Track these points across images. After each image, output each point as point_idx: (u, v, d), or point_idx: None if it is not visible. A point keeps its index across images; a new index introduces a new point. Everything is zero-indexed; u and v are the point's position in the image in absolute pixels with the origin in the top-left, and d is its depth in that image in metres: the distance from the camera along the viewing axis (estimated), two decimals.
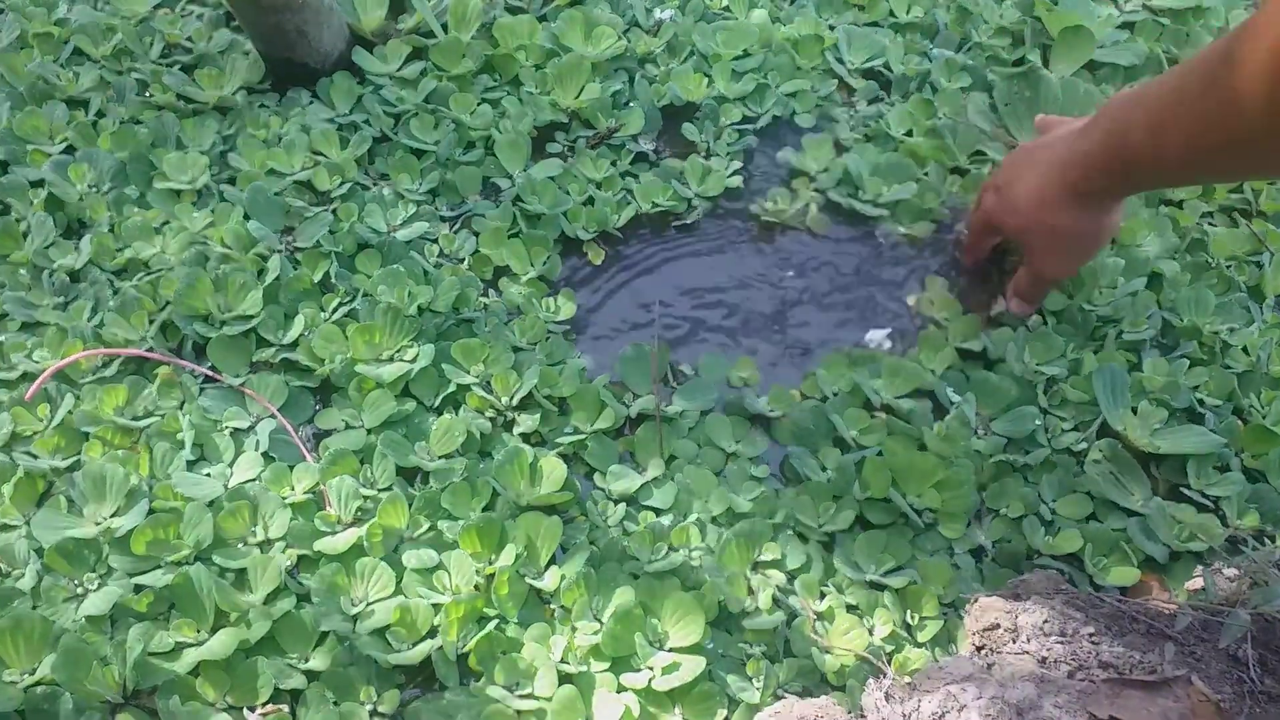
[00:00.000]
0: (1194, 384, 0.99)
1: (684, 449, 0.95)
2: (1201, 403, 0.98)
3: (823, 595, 0.86)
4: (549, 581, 0.84)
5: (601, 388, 0.97)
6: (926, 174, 1.16)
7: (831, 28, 1.29)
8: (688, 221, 1.13)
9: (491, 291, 1.06)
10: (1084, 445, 0.94)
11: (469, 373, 0.97)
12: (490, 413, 0.96)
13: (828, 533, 0.89)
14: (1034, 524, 0.90)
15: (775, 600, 0.84)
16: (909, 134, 1.18)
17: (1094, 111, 1.18)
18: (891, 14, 1.32)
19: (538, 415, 0.95)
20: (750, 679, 0.80)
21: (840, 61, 1.26)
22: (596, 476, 0.93)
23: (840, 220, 1.14)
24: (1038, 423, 0.95)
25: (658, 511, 0.90)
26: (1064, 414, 0.97)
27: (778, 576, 0.86)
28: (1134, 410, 0.95)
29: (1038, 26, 1.25)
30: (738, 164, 1.16)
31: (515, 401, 0.96)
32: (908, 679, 0.76)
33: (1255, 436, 0.95)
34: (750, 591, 0.85)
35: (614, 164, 1.16)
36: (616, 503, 0.91)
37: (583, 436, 0.94)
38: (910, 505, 0.89)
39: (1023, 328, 1.03)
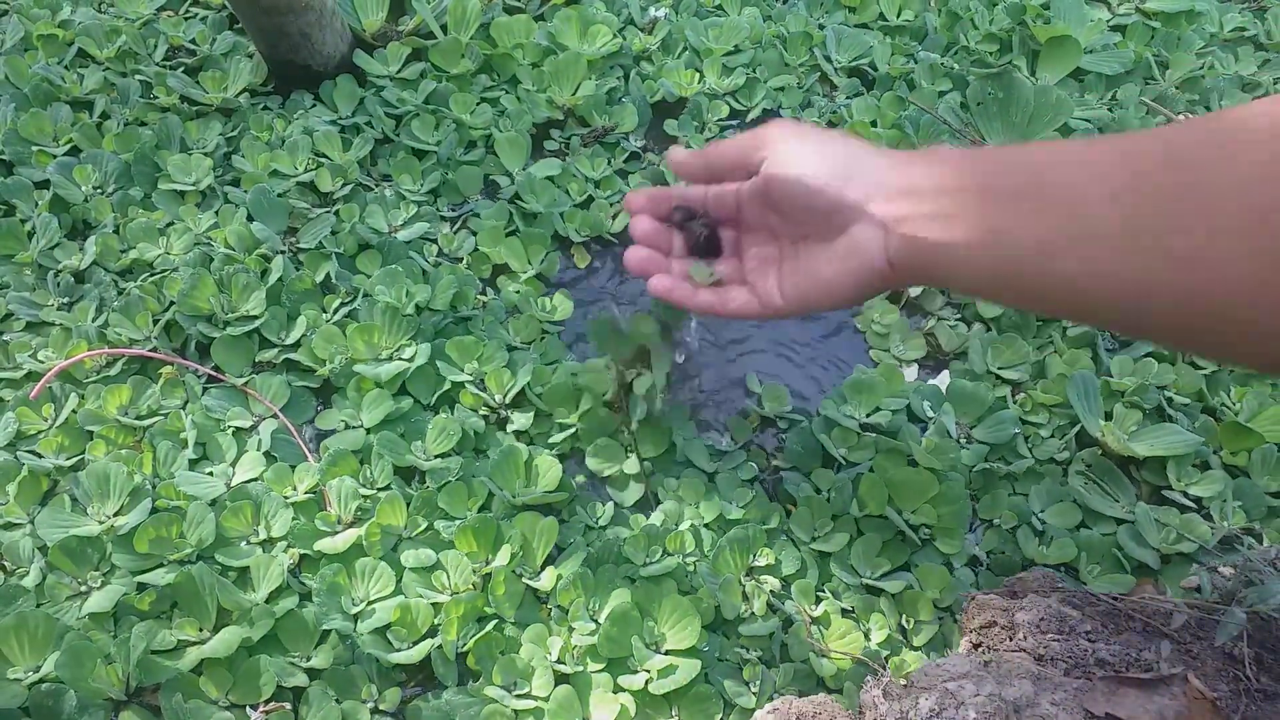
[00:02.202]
0: (1161, 384, 0.94)
1: (675, 456, 0.90)
2: (1170, 402, 0.93)
3: (818, 600, 0.81)
4: (545, 582, 0.80)
5: (589, 389, 0.92)
6: None
7: (821, 27, 1.25)
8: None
9: (490, 290, 1.02)
10: (1066, 454, 0.90)
11: (463, 370, 0.93)
12: (484, 410, 0.92)
13: (823, 551, 0.85)
14: (1027, 534, 0.85)
15: (770, 605, 0.80)
16: (873, 124, 1.14)
17: (1063, 118, 1.14)
18: (882, 16, 1.27)
19: (531, 413, 0.91)
20: (746, 683, 0.76)
21: (827, 59, 1.22)
22: (592, 477, 0.89)
23: None
24: (1016, 430, 0.90)
25: (649, 513, 0.86)
26: (1039, 419, 0.92)
27: (772, 582, 0.81)
28: (1108, 415, 0.91)
29: (1026, 33, 1.20)
30: None
31: (508, 399, 0.92)
32: (903, 680, 0.73)
33: (1232, 434, 0.90)
34: (745, 597, 0.80)
35: (609, 162, 1.11)
36: (605, 504, 0.87)
37: (573, 430, 0.90)
38: (906, 521, 0.84)
39: (979, 328, 0.98)
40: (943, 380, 0.96)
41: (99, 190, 1.06)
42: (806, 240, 0.60)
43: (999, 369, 0.95)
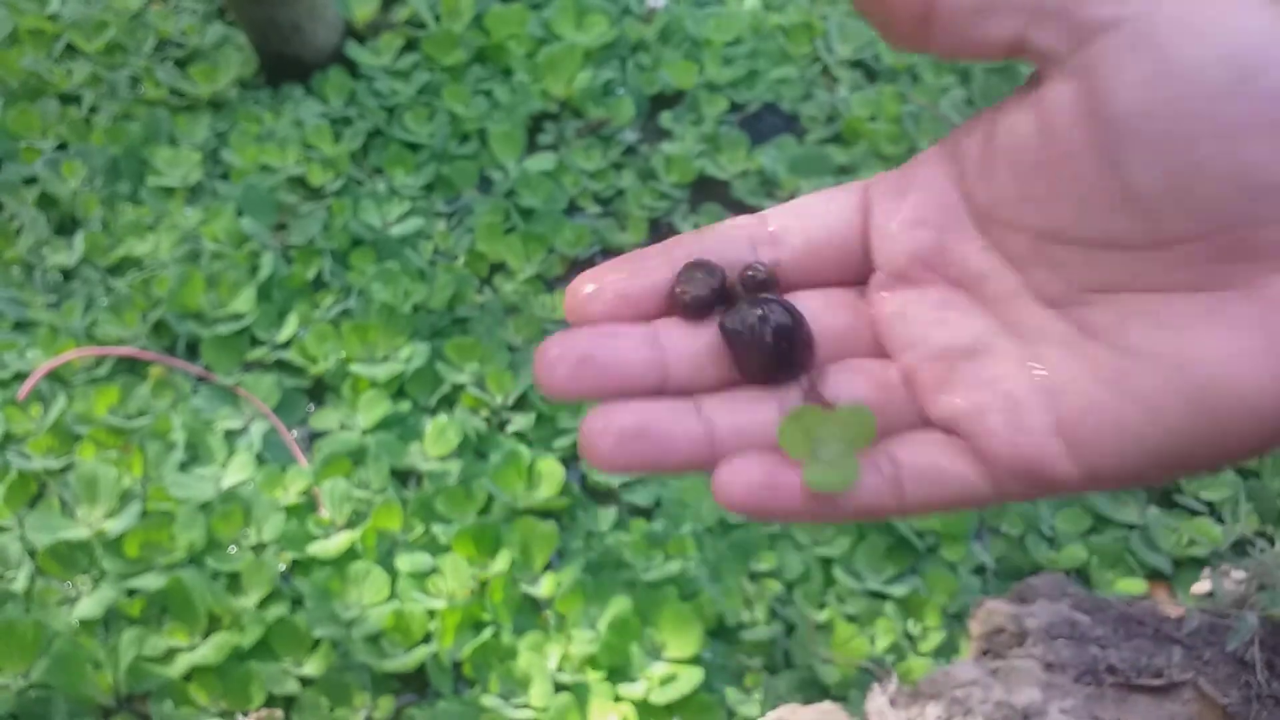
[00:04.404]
0: None
1: None
2: None
3: (822, 605, 0.79)
4: (544, 588, 0.78)
5: None
6: (853, 163, 1.08)
7: (824, 17, 1.22)
8: (674, 219, 1.05)
9: (487, 289, 0.99)
10: None
11: (463, 371, 0.91)
12: (485, 412, 0.89)
13: (826, 556, 0.83)
14: (1036, 540, 0.84)
15: (773, 611, 0.78)
16: (872, 119, 1.11)
17: None
18: None
19: (533, 416, 0.88)
20: (749, 691, 0.74)
21: (829, 51, 1.19)
22: (590, 477, 0.87)
23: None
24: None
25: (643, 510, 0.84)
26: None
27: (775, 587, 0.79)
28: None
29: None
30: (702, 146, 1.09)
31: (510, 401, 0.89)
32: (910, 688, 0.71)
33: None
34: (747, 603, 0.78)
35: (604, 154, 1.08)
36: (607, 507, 0.85)
37: (574, 437, 0.88)
38: (911, 528, 0.82)
39: None
40: None
41: (87, 185, 1.03)
42: (1119, 294, 0.23)
43: None
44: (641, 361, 0.24)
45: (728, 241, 0.26)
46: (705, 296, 0.25)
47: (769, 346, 0.24)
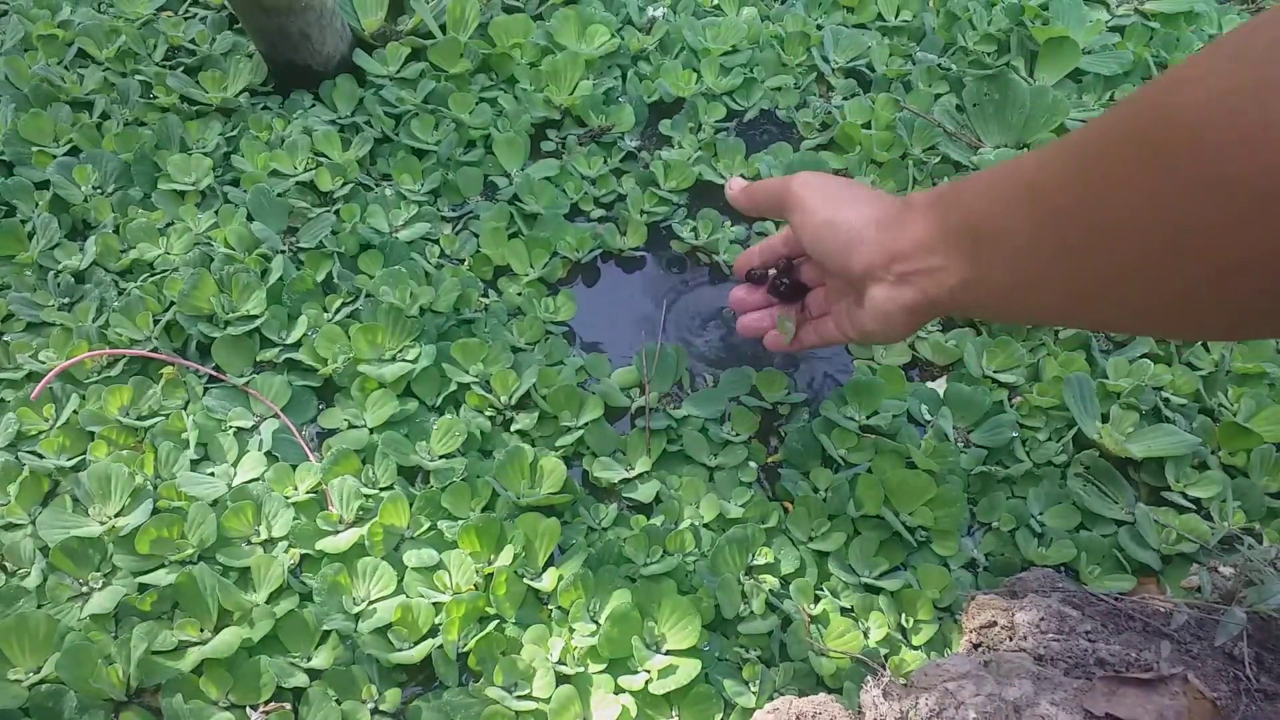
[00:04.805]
0: (1158, 385, 0.93)
1: (677, 453, 0.90)
2: (1167, 403, 0.92)
3: (817, 599, 0.81)
4: (547, 582, 0.80)
5: (593, 392, 0.92)
6: (845, 169, 1.10)
7: (819, 27, 1.24)
8: (673, 224, 1.07)
9: (491, 291, 1.01)
10: (1064, 457, 0.89)
11: (468, 372, 0.92)
12: (489, 411, 0.91)
13: (821, 550, 0.85)
14: (1026, 536, 0.85)
15: (769, 604, 0.80)
16: (866, 126, 1.13)
17: (1059, 119, 1.12)
18: (880, 16, 1.26)
19: (536, 414, 0.90)
20: (746, 682, 0.76)
21: (825, 59, 1.21)
22: (591, 474, 0.88)
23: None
24: (1014, 434, 0.89)
25: (643, 506, 0.86)
26: (1036, 423, 0.91)
27: (771, 580, 0.81)
28: (1105, 417, 0.90)
29: (1024, 34, 1.19)
30: (700, 152, 1.10)
31: (514, 401, 0.91)
32: (903, 680, 0.72)
33: (1230, 434, 0.90)
34: (744, 596, 0.80)
35: (605, 161, 1.10)
36: (608, 504, 0.86)
37: (579, 434, 0.89)
38: (903, 523, 0.84)
39: (985, 334, 0.97)
40: (940, 384, 0.95)
41: (99, 190, 1.05)
42: (861, 288, 0.64)
43: (994, 372, 0.95)
44: (760, 298, 0.81)
45: (769, 245, 0.79)
46: (757, 279, 0.80)
47: (786, 293, 0.79)
